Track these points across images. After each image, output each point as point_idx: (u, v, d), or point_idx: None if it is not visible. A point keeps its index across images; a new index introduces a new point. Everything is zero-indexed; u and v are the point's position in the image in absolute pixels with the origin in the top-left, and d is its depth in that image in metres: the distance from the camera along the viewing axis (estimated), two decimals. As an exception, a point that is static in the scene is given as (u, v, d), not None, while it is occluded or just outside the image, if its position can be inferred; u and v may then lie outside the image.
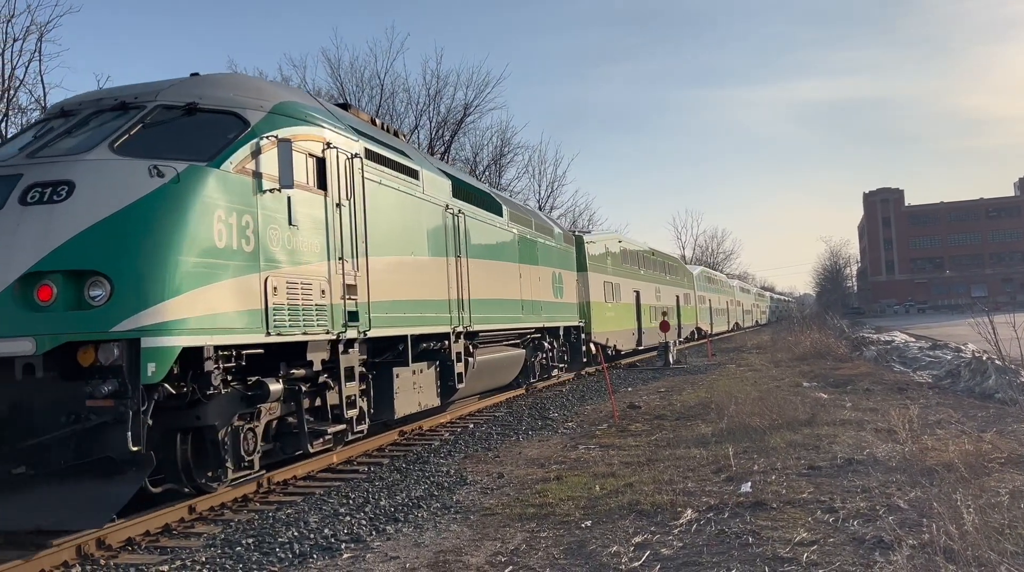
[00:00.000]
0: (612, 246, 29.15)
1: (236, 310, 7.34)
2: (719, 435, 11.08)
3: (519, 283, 16.76)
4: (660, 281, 36.99)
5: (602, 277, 26.45)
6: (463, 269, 13.37)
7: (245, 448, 7.98)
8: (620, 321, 28.34)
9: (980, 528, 5.26)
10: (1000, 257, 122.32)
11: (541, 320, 18.25)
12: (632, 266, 31.67)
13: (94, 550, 6.63)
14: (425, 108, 41.89)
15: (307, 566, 6.27)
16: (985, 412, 11.97)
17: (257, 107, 8.27)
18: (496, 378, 15.71)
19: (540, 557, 6.12)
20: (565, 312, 20.72)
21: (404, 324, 11.03)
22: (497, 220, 16.04)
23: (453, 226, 13.15)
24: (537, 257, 18.51)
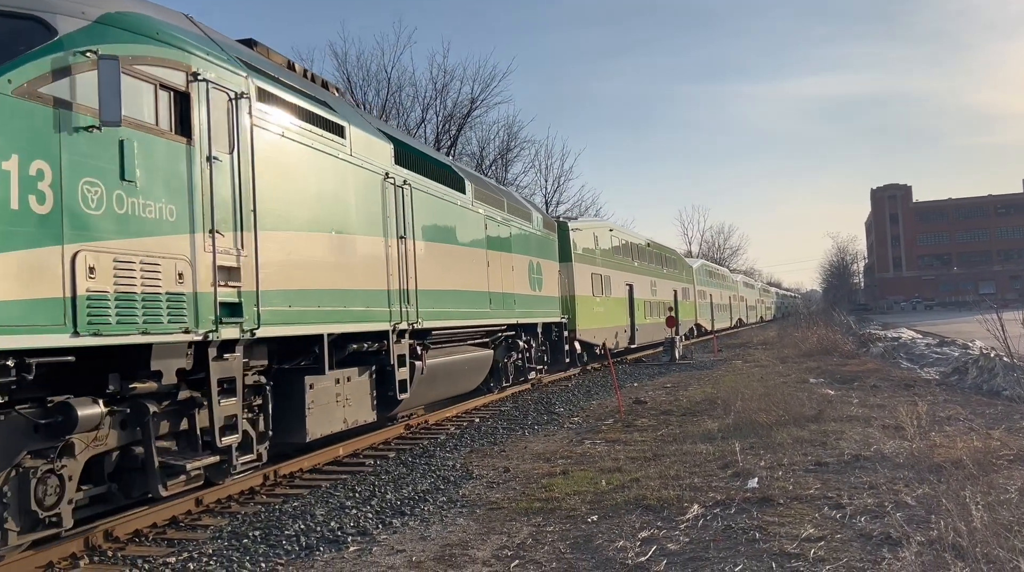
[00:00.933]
0: (602, 235, 26.85)
1: (19, 298, 5.30)
2: (725, 431, 11.06)
3: (486, 273, 14.62)
4: (656, 274, 34.72)
5: (589, 268, 24.41)
6: (408, 253, 11.08)
7: (40, 499, 5.72)
8: (610, 317, 26.22)
9: (989, 525, 5.24)
10: (1008, 254, 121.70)
11: (515, 315, 16.20)
12: (625, 257, 29.37)
13: (102, 542, 6.65)
14: (431, 102, 41.91)
15: (314, 559, 6.28)
16: (993, 409, 11.92)
17: (76, 13, 6.16)
18: (455, 384, 13.60)
19: (546, 551, 6.11)
20: (545, 307, 18.77)
21: (318, 320, 8.73)
22: (458, 197, 13.65)
23: (396, 200, 10.87)
24: (511, 243, 16.38)
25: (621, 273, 28.28)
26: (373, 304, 10.11)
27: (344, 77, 40.26)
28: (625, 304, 28.48)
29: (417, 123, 41.34)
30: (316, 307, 8.71)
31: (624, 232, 31.51)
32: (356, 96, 39.46)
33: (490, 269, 14.82)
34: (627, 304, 28.72)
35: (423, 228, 11.87)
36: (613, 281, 26.94)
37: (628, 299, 28.88)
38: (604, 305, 25.55)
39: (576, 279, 22.69)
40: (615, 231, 29.24)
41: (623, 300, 28.18)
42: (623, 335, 27.69)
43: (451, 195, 13.34)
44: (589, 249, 24.77)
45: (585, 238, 24.53)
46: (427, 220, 12.07)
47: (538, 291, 18.23)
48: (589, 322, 23.53)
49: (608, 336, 25.19)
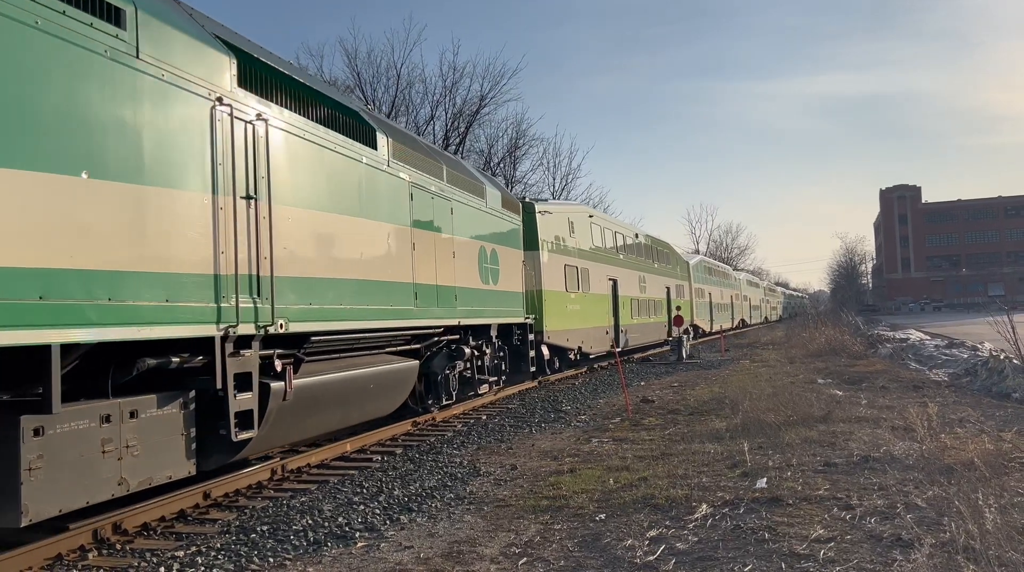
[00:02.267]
0: (579, 221, 23.14)
1: None
2: (733, 430, 11.03)
3: (411, 258, 11.14)
4: (647, 269, 30.97)
5: (562, 259, 21.05)
6: (261, 222, 7.67)
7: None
8: (588, 316, 22.87)
9: (1002, 528, 5.20)
10: (1018, 256, 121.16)
11: (456, 315, 12.85)
12: (608, 249, 25.89)
13: (110, 534, 6.66)
14: (441, 99, 42.00)
15: (321, 554, 6.27)
16: (1003, 411, 11.86)
17: None
18: (353, 409, 10.02)
19: (554, 549, 6.10)
20: (502, 304, 15.45)
21: (40, 320, 5.34)
22: (364, 153, 10.06)
23: (239, 141, 7.48)
24: (452, 223, 12.95)
25: (603, 266, 24.86)
26: (181, 295, 6.69)
27: (354, 74, 40.34)
28: (607, 302, 25.04)
29: (426, 120, 41.39)
30: (36, 298, 5.30)
31: (608, 220, 28.27)
32: (365, 93, 39.52)
33: (417, 254, 11.33)
34: (610, 302, 25.29)
35: (294, 188, 8.37)
36: (593, 275, 23.62)
37: (611, 296, 25.47)
38: (580, 302, 22.25)
39: (544, 271, 19.48)
40: (596, 218, 25.65)
41: (605, 297, 24.80)
42: (604, 337, 24.38)
43: (351, 148, 9.76)
44: (562, 237, 21.45)
45: (556, 223, 21.14)
46: (302, 177, 8.60)
47: (492, 285, 14.96)
48: (560, 322, 20.29)
49: (585, 338, 22.26)
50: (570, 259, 21.74)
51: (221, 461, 7.64)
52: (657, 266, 33.27)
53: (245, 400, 7.47)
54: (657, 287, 32.62)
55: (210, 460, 7.45)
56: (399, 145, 11.33)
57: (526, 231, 18.10)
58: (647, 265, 31.34)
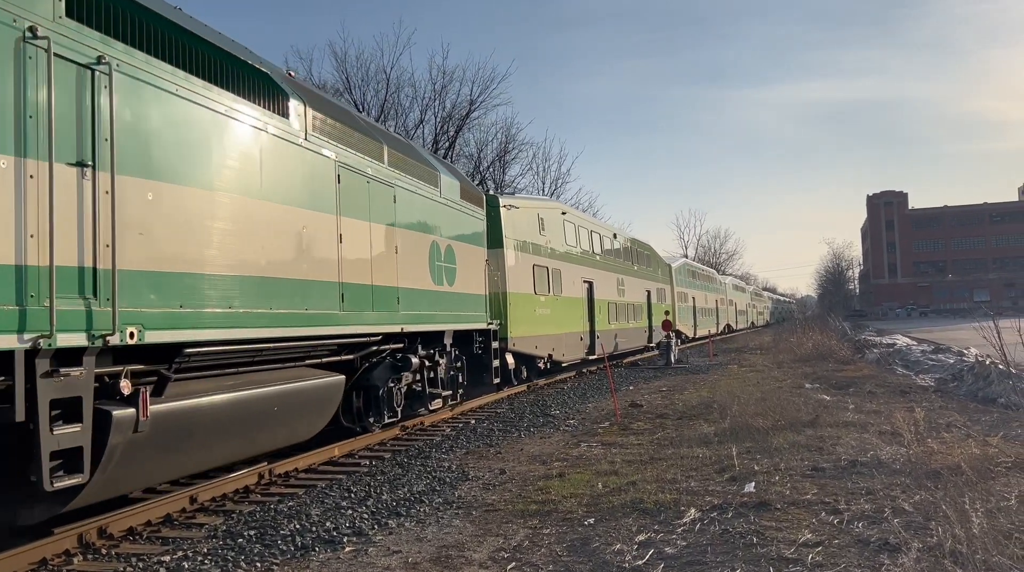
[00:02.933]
0: (550, 217, 21.47)
1: None
2: (722, 435, 11.05)
3: (337, 252, 9.48)
4: (626, 271, 29.28)
5: (530, 259, 19.39)
6: (100, 197, 6.01)
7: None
8: (561, 321, 21.22)
9: (988, 532, 5.23)
10: (1003, 262, 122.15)
11: (399, 320, 11.15)
12: (583, 248, 24.26)
13: (95, 539, 6.61)
14: (430, 103, 42.01)
15: (309, 559, 6.24)
16: (989, 416, 11.93)
17: None
18: (246, 440, 8.24)
19: (543, 554, 6.09)
20: (460, 307, 13.75)
21: None
22: (268, 120, 8.31)
23: (66, 91, 5.84)
24: (394, 213, 11.16)
25: (577, 267, 23.20)
26: None
27: (343, 77, 40.29)
28: (582, 306, 23.43)
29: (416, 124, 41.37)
30: None
31: (583, 218, 26.33)
32: (355, 96, 39.48)
33: (346, 247, 9.65)
34: (585, 306, 23.76)
35: (159, 157, 6.71)
36: (566, 277, 21.95)
37: (586, 300, 23.92)
38: (551, 306, 20.56)
39: (510, 272, 17.86)
40: (570, 215, 23.84)
41: (579, 301, 23.16)
42: (578, 344, 22.82)
43: (250, 114, 7.98)
44: (531, 234, 19.70)
45: (524, 220, 19.30)
46: (173, 145, 6.89)
47: (447, 286, 13.18)
48: (528, 328, 18.63)
49: (557, 345, 20.73)
50: (540, 259, 20.04)
51: (39, 516, 5.92)
52: (637, 268, 31.57)
53: (68, 434, 5.65)
54: (637, 291, 30.89)
55: (20, 515, 5.86)
56: (323, 117, 9.48)
57: (490, 227, 16.32)
58: (626, 267, 29.61)
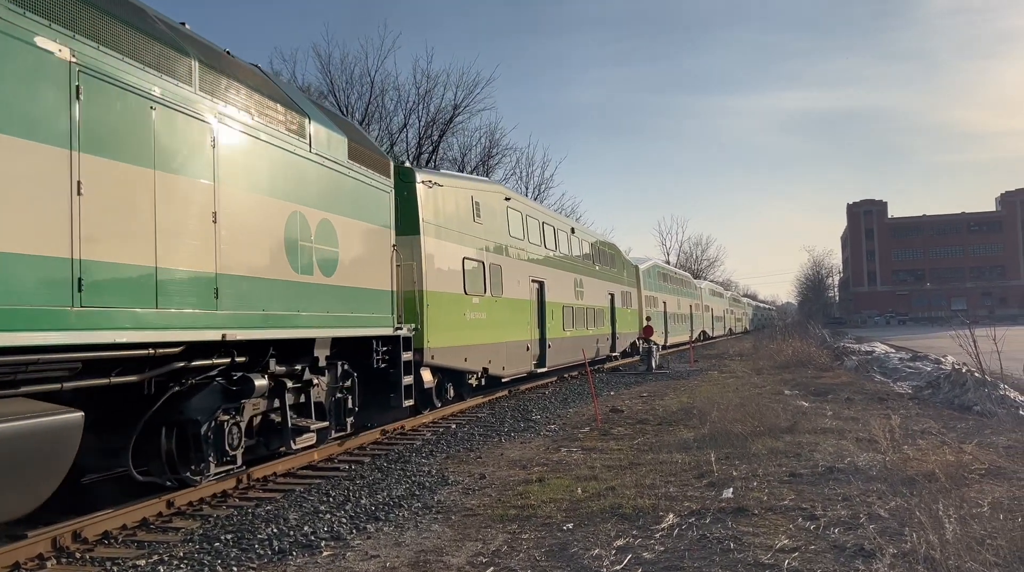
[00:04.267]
0: (489, 202, 17.78)
1: None
2: (701, 440, 11.11)
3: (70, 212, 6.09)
4: (586, 271, 26.22)
5: (460, 251, 15.89)
6: None
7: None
8: (501, 327, 17.75)
9: (961, 538, 5.29)
10: (980, 271, 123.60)
11: (218, 322, 7.80)
12: (532, 242, 20.79)
13: (69, 543, 6.54)
14: (414, 107, 41.97)
15: (286, 563, 6.21)
16: (964, 423, 12.06)
17: None
18: None
19: (521, 559, 6.09)
20: (345, 306, 10.19)
21: None
22: None
23: None
24: (213, 161, 7.90)
25: (524, 264, 19.69)
26: None
27: (327, 80, 40.20)
28: (530, 309, 19.92)
29: (399, 128, 41.34)
30: None
31: (534, 207, 22.76)
32: (339, 99, 39.39)
33: (89, 201, 6.25)
34: (534, 309, 20.30)
35: None
36: (509, 274, 18.48)
37: (536, 302, 20.54)
38: (488, 309, 17.06)
39: (429, 265, 14.20)
40: (516, 202, 20.17)
41: (526, 304, 19.60)
42: (524, 355, 19.28)
43: None
44: (461, 220, 16.06)
45: (452, 202, 15.63)
46: None
47: (323, 276, 9.75)
48: (454, 336, 15.18)
49: (495, 357, 17.23)
50: (473, 251, 16.45)
51: None
52: (599, 269, 28.55)
53: None
54: (598, 293, 27.70)
55: None
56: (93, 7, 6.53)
57: (402, 207, 13.25)
58: (586, 266, 26.54)
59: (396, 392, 11.70)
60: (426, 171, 15.44)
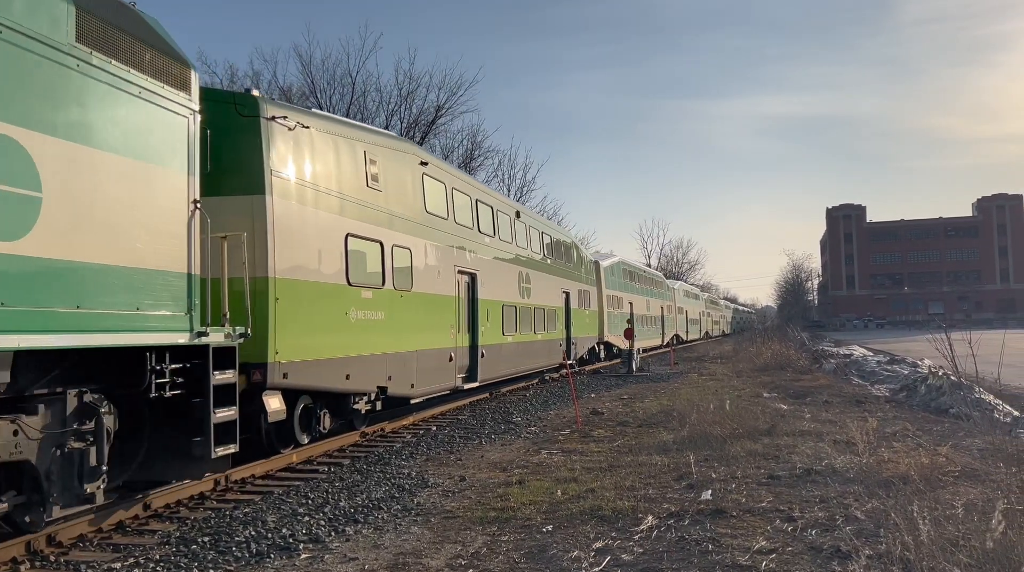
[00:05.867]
0: (390, 160, 13.11)
1: None
2: (680, 443, 11.16)
3: None
4: (533, 264, 22.08)
5: (339, 224, 11.32)
6: None
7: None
8: (411, 332, 13.33)
9: (936, 540, 5.34)
10: (957, 275, 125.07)
11: None
12: (460, 224, 16.33)
13: (44, 546, 6.47)
14: (396, 108, 41.90)
15: (264, 566, 6.17)
16: (940, 426, 12.19)
17: None
18: None
19: (501, 561, 6.09)
20: (80, 294, 6.21)
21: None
22: None
23: None
24: None
25: (446, 250, 15.30)
26: None
27: (308, 80, 40.03)
28: (455, 309, 15.61)
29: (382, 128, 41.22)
30: None
31: (461, 177, 17.75)
32: (320, 100, 39.24)
33: None
34: (460, 308, 15.95)
35: None
36: (422, 261, 14.01)
37: (464, 300, 16.32)
38: (387, 307, 12.47)
39: (281, 238, 9.90)
40: (436, 169, 15.50)
41: (448, 301, 15.31)
42: (445, 367, 15.01)
43: None
44: (343, 180, 11.49)
45: (324, 152, 11.13)
46: None
47: None
48: (325, 343, 10.76)
49: (398, 371, 12.78)
50: (365, 227, 11.93)
51: None
52: (552, 263, 24.53)
53: None
54: (550, 291, 23.80)
55: None
56: None
57: (230, 149, 9.46)
58: (535, 259, 22.47)
59: (202, 434, 7.54)
60: (286, 106, 11.07)
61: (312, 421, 11.14)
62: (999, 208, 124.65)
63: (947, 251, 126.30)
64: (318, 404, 11.21)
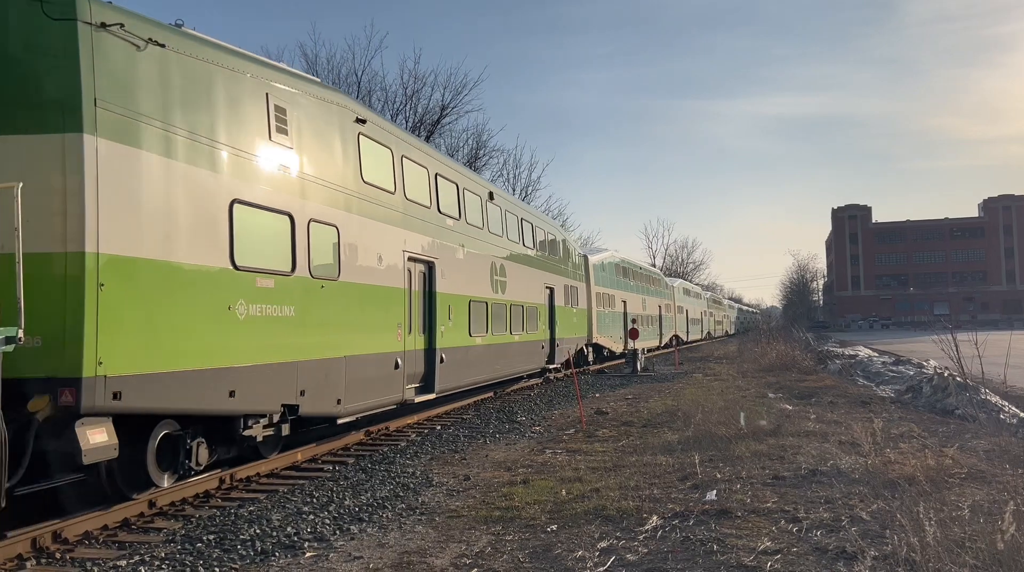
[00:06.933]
0: (309, 112, 10.35)
1: None
2: (685, 443, 11.14)
3: None
4: (510, 255, 19.12)
5: (220, 184, 8.43)
6: None
7: None
8: (337, 331, 10.48)
9: (941, 541, 5.33)
10: (962, 276, 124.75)
11: None
12: (410, 200, 13.20)
13: (50, 543, 6.49)
14: (401, 107, 41.91)
15: (269, 564, 6.18)
16: (946, 427, 12.15)
17: None
18: None
19: (505, 560, 6.08)
20: None
21: None
22: None
23: None
24: None
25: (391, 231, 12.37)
26: None
27: (313, 79, 40.04)
28: (404, 304, 12.69)
29: (386, 128, 41.24)
30: None
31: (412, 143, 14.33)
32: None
33: None
34: (412, 303, 13.10)
35: None
36: (355, 243, 11.14)
37: (420, 292, 13.57)
38: (301, 300, 9.67)
39: (103, 193, 6.94)
40: (375, 127, 12.24)
41: (394, 294, 12.40)
42: (389, 377, 12.12)
43: None
44: (224, 127, 8.59)
45: (194, 82, 8.24)
46: None
47: None
48: (184, 351, 7.74)
49: (315, 383, 9.89)
50: (260, 191, 9.01)
51: None
52: (533, 254, 21.56)
53: None
54: (530, 286, 20.86)
55: None
56: None
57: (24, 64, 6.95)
58: (512, 249, 19.39)
59: None
60: (128, 12, 7.50)
61: (179, 455, 8.18)
62: (1005, 209, 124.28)
63: (953, 252, 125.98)
64: (188, 431, 8.26)
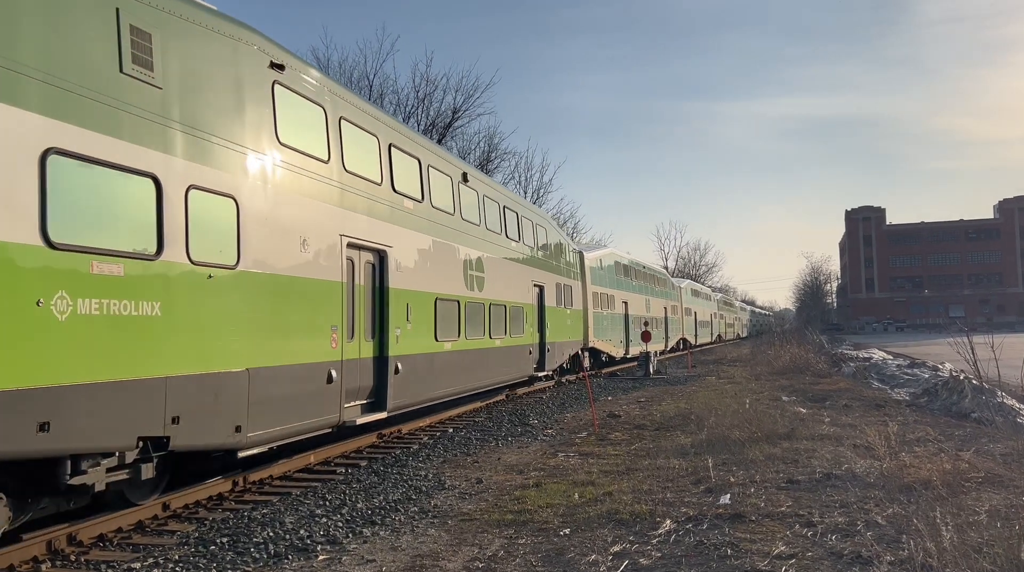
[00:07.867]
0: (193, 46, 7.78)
1: None
2: (698, 446, 11.10)
3: None
4: (490, 247, 16.71)
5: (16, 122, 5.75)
6: None
7: None
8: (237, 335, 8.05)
9: (958, 546, 5.28)
10: (978, 278, 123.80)
11: None
12: (351, 173, 10.79)
13: (65, 546, 6.52)
14: (413, 111, 41.98)
15: (282, 567, 6.19)
16: (962, 431, 12.05)
17: None
18: None
19: (518, 564, 6.07)
20: None
21: None
22: None
23: None
24: None
25: (321, 208, 10.00)
26: None
27: (326, 83, 40.19)
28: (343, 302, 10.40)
29: (398, 131, 41.33)
30: None
31: (359, 104, 12.13)
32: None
33: None
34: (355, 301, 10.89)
35: None
36: (265, 221, 8.75)
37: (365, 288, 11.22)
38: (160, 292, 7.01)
39: None
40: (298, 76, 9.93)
41: (329, 288, 10.09)
42: (319, 393, 9.70)
43: None
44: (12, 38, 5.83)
45: None
46: None
47: None
48: None
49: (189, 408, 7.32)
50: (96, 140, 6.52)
51: None
52: (519, 246, 19.21)
53: None
54: (515, 284, 18.52)
55: None
56: None
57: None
58: (492, 241, 17.05)
59: None
60: None
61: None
62: (1021, 210, 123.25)
63: (968, 254, 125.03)
64: None
